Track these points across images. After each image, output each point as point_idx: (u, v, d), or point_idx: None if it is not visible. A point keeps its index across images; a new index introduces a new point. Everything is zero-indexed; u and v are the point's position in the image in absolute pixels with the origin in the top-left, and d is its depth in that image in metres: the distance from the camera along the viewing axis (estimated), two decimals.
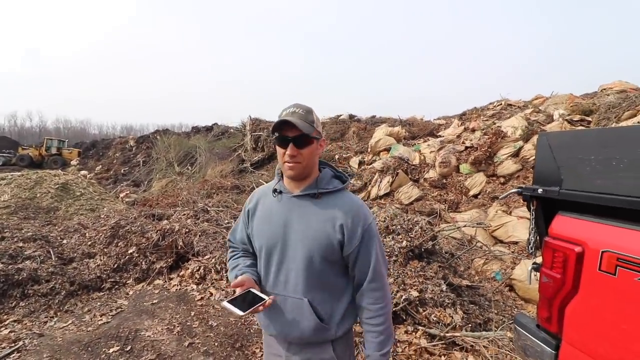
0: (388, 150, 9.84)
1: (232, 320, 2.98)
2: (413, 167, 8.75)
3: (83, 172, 16.28)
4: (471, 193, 7.20)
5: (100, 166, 17.63)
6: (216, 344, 2.66)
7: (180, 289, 3.63)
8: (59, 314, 3.13)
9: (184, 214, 5.01)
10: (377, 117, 16.26)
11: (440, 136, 11.00)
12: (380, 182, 7.91)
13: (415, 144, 10.50)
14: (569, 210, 1.51)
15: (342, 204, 1.13)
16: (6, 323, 2.87)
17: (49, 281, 3.47)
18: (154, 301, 3.33)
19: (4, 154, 23.74)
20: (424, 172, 8.58)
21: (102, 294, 3.58)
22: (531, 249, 1.74)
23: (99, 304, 3.35)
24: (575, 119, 7.57)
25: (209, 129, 18.66)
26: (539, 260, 1.64)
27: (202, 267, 3.88)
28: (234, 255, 1.31)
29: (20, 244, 3.95)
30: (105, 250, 4.27)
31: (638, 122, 6.20)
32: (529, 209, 1.75)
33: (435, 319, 2.50)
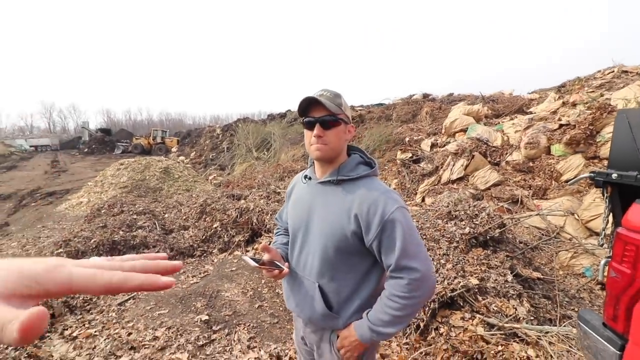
0: (465, 130, 9.14)
1: None
2: (493, 149, 7.99)
3: (180, 157, 18.81)
4: (564, 178, 6.31)
5: (194, 152, 20.08)
6: (281, 309, 3.00)
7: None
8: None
9: (258, 195, 5.52)
10: (455, 95, 15.03)
11: (530, 113, 9.74)
12: (453, 165, 7.45)
13: (498, 123, 9.52)
14: None
15: (361, 192, 1.07)
16: None
17: (155, 247, 4.25)
18: (233, 268, 3.84)
19: (123, 144, 28.70)
20: (506, 154, 7.77)
21: (193, 259, 4.25)
22: (602, 240, 1.56)
23: (191, 267, 4.00)
24: None
25: (282, 115, 19.63)
26: None
27: (272, 243, 4.29)
28: (277, 232, 1.45)
29: (135, 217, 4.88)
30: (196, 224, 5.01)
31: None
32: (603, 196, 1.57)
33: (496, 308, 2.39)
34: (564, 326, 2.23)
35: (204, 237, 4.66)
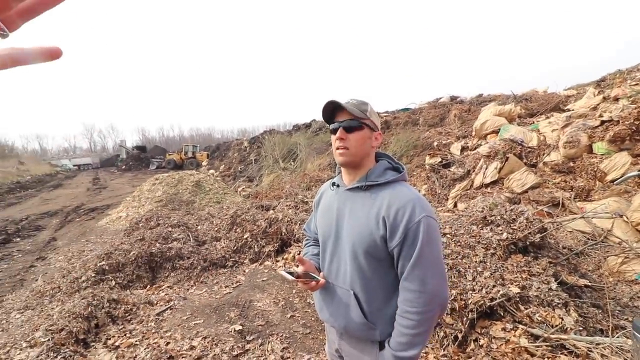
0: (497, 132, 8.79)
1: None
2: (529, 149, 7.61)
3: (211, 171, 19.48)
4: (609, 178, 5.89)
5: (223, 165, 20.71)
6: (313, 319, 2.99)
7: (284, 270, 4.12)
8: (196, 283, 3.97)
9: (287, 205, 5.59)
10: (485, 96, 14.54)
11: (568, 110, 9.22)
12: (486, 168, 7.17)
13: (533, 123, 9.08)
14: None
15: (390, 196, 1.06)
16: (162, 288, 3.81)
17: (189, 258, 4.40)
18: (264, 278, 3.88)
19: (157, 160, 30.18)
20: (543, 155, 7.38)
21: (226, 270, 4.34)
22: None
23: (223, 278, 4.09)
24: None
25: (307, 125, 19.87)
26: None
27: (302, 254, 4.30)
28: (307, 243, 1.44)
29: (170, 229, 5.09)
30: (227, 235, 5.14)
31: None
32: None
33: (540, 318, 2.25)
34: (618, 337, 2.05)
35: (235, 247, 4.76)
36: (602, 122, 6.74)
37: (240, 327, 2.85)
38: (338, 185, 1.22)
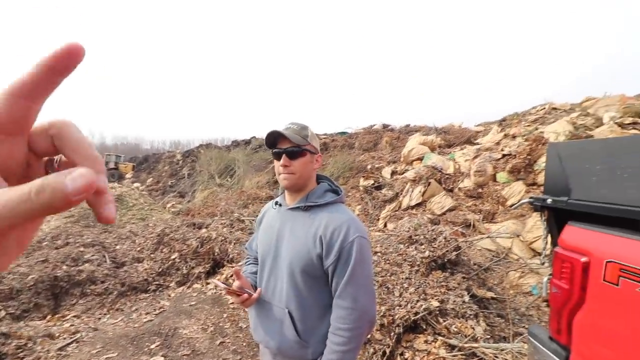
0: (421, 159, 9.72)
1: None
2: (447, 176, 8.55)
3: (136, 184, 17.74)
4: (509, 203, 6.88)
5: (151, 179, 19.09)
6: (244, 344, 2.86)
7: (215, 292, 3.90)
8: (111, 311, 3.52)
9: (221, 223, 5.36)
10: (412, 126, 16.07)
11: (477, 143, 10.65)
12: (412, 192, 7.82)
13: (450, 153, 10.26)
14: (577, 220, 1.51)
15: (327, 217, 1.12)
16: (67, 318, 3.30)
17: (104, 282, 3.90)
18: (192, 303, 3.62)
19: None
20: (458, 181, 8.35)
21: (147, 295, 3.94)
22: (543, 259, 1.73)
23: (144, 304, 3.71)
24: (627, 122, 6.99)
25: (247, 142, 19.56)
26: None
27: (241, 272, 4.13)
28: (247, 262, 1.44)
29: (81, 249, 4.48)
30: (152, 255, 4.70)
31: None
32: (541, 219, 1.76)
33: (455, 329, 2.49)
34: (517, 342, 2.36)
35: (160, 269, 4.37)
36: (504, 155, 7.92)
37: (162, 359, 2.60)
38: (280, 205, 1.26)
